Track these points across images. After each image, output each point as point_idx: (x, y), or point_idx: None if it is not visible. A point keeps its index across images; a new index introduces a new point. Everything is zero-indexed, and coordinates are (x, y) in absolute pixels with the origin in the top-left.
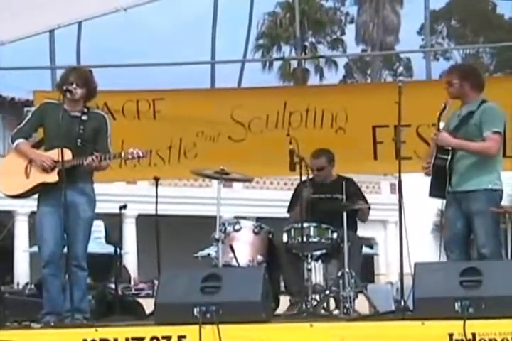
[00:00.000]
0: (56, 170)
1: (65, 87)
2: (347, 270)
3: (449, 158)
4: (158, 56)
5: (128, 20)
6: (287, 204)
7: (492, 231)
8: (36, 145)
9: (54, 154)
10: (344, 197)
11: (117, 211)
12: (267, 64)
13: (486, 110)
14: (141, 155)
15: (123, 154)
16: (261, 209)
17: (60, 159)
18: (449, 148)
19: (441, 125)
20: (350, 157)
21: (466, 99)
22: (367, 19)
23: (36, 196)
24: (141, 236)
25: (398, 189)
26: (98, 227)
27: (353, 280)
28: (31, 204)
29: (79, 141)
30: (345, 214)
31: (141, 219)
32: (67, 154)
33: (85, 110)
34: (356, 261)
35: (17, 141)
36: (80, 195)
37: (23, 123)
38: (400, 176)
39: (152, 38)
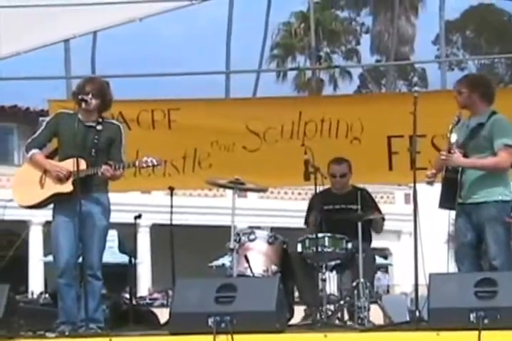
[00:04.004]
0: (71, 180)
1: (80, 97)
2: (362, 280)
3: (459, 170)
4: (172, 66)
5: (142, 30)
6: (302, 214)
7: (504, 243)
8: (50, 155)
9: (68, 164)
10: (359, 207)
11: (131, 221)
12: (281, 74)
13: (496, 122)
14: (155, 163)
15: (137, 163)
16: (275, 219)
17: (75, 169)
18: None
19: (453, 137)
20: (365, 167)
21: (475, 109)
22: (382, 29)
23: (51, 205)
24: (156, 245)
25: (413, 199)
26: (111, 237)
27: (367, 291)
28: (45, 213)
29: (93, 150)
30: (359, 224)
31: (155, 229)
32: (82, 164)
33: (100, 120)
34: (370, 272)
35: (31, 152)
36: (95, 204)
37: (38, 133)
38: (415, 186)
39: (166, 48)
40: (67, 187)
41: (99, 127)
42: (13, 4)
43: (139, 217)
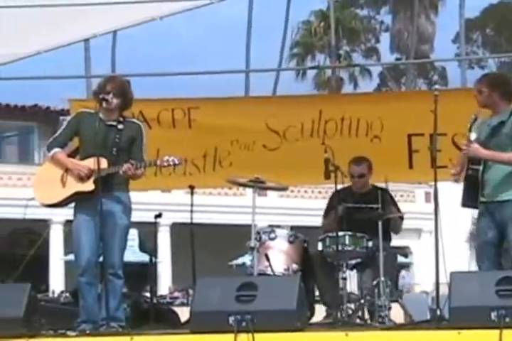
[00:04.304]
0: (92, 178)
1: (101, 96)
2: (382, 279)
3: (481, 168)
4: (192, 65)
5: (162, 29)
6: (322, 213)
7: None
8: (72, 154)
9: (90, 163)
10: (379, 206)
11: (151, 219)
12: (301, 73)
13: None
14: (176, 162)
15: (158, 161)
16: (295, 218)
17: (96, 167)
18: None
19: (473, 136)
20: (385, 165)
21: (496, 108)
22: (401, 27)
23: (71, 204)
24: (176, 244)
25: (434, 198)
26: (132, 236)
27: (388, 289)
28: (66, 212)
29: (114, 149)
30: (380, 223)
31: (175, 228)
32: (103, 163)
33: (121, 119)
34: (391, 270)
35: (53, 150)
36: (116, 203)
37: (59, 132)
38: (435, 185)
39: (186, 47)
40: (89, 185)
41: (120, 126)
42: (34, 4)
43: (159, 215)
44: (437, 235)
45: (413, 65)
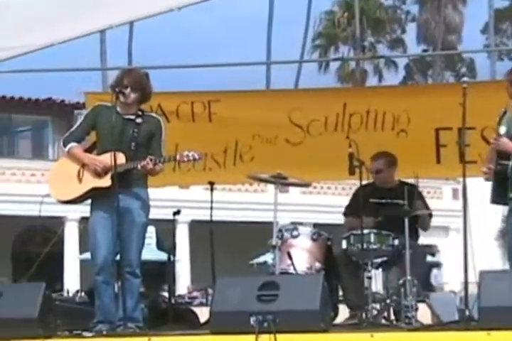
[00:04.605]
0: (109, 174)
1: (118, 89)
2: (408, 278)
3: (511, 163)
4: (212, 57)
5: (179, 20)
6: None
7: None
8: (89, 150)
9: (107, 158)
10: (406, 202)
11: (169, 217)
12: (324, 65)
13: None
14: (196, 157)
15: (178, 156)
16: (318, 215)
17: (113, 163)
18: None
19: (502, 129)
20: (411, 160)
21: None
22: (428, 18)
23: (87, 201)
24: (195, 242)
25: (463, 194)
26: (149, 233)
27: (414, 289)
28: (82, 209)
29: (133, 144)
30: (406, 220)
31: (194, 225)
32: (121, 158)
33: (139, 113)
34: (418, 269)
35: (69, 145)
36: (134, 199)
37: (75, 126)
38: (464, 181)
39: (205, 38)
40: (106, 181)
41: (138, 120)
42: None
43: (177, 213)
44: (466, 233)
45: (440, 56)
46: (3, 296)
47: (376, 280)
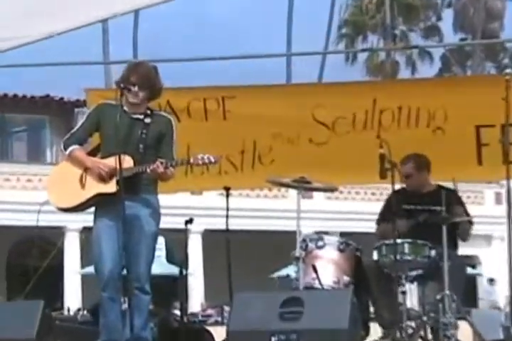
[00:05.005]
0: (115, 179)
1: (123, 85)
2: (447, 292)
3: None
4: (226, 48)
5: (190, 7)
6: (376, 217)
7: None
8: (91, 153)
9: (113, 161)
10: (444, 209)
11: (180, 226)
12: (351, 56)
13: None
14: (212, 160)
15: (192, 159)
16: (345, 223)
17: (119, 166)
18: None
19: None
20: (449, 162)
21: None
22: (467, 3)
23: (90, 209)
24: (208, 254)
25: (507, 199)
26: (159, 245)
27: (454, 305)
28: (84, 218)
29: (141, 146)
30: (444, 228)
31: (207, 235)
32: (128, 161)
33: (148, 112)
34: (458, 283)
35: (70, 148)
36: (143, 206)
37: (77, 127)
38: (508, 184)
39: (218, 27)
40: (112, 187)
41: (147, 120)
42: None
43: (190, 221)
44: (511, 242)
45: (480, 45)
46: None
47: (411, 295)
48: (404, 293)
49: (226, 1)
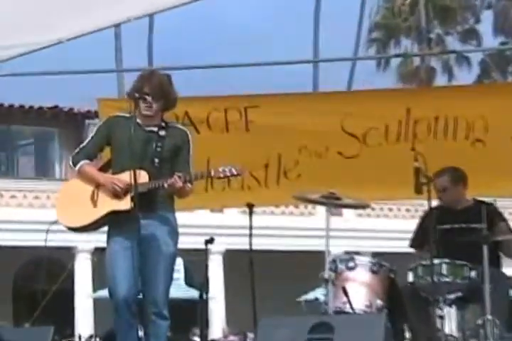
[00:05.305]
0: (129, 195)
1: (137, 95)
2: (489, 317)
3: None
4: (247, 55)
5: (208, 11)
6: (410, 236)
7: None
8: (103, 168)
9: (127, 177)
10: (484, 226)
11: (200, 246)
12: (383, 62)
13: None
14: (234, 172)
15: (213, 172)
16: (378, 242)
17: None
18: None
19: None
20: (490, 176)
21: None
22: (508, 4)
23: (103, 229)
24: (230, 276)
25: None
26: (177, 266)
27: (496, 331)
28: (95, 238)
29: (156, 160)
30: (485, 247)
31: (229, 256)
32: (144, 176)
33: (163, 124)
34: (501, 306)
35: (80, 163)
36: (161, 225)
37: (86, 141)
38: None
39: (238, 32)
40: (126, 204)
41: (162, 132)
42: None
43: (210, 241)
44: None
45: None
46: None
47: (450, 320)
48: (442, 317)
49: (246, 4)
